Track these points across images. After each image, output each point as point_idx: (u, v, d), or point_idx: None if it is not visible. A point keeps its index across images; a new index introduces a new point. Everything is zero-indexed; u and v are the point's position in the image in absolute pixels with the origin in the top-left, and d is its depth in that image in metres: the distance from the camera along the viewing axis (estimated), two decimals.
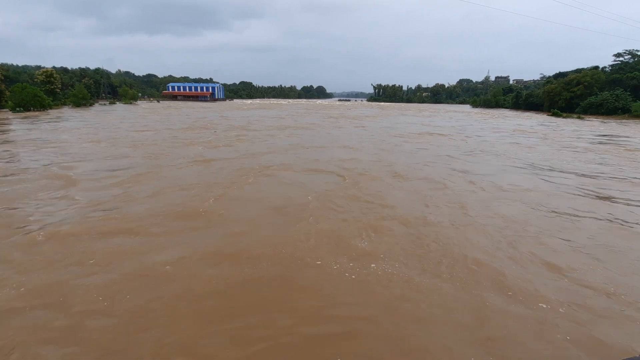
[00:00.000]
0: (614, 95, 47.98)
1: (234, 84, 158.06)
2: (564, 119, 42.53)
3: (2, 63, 61.67)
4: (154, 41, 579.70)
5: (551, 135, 23.86)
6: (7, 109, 37.11)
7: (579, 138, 22.31)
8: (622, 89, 48.77)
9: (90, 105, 54.44)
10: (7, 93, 38.80)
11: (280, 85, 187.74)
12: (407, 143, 18.66)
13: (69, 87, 61.02)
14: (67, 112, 39.55)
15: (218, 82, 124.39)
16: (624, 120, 40.35)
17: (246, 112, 43.73)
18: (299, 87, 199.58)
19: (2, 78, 39.93)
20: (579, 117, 44.91)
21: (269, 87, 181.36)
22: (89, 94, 57.62)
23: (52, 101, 43.64)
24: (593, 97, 50.69)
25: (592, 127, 31.39)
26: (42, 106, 38.80)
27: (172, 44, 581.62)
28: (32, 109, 37.50)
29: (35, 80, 50.57)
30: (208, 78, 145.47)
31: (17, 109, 36.39)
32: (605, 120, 40.22)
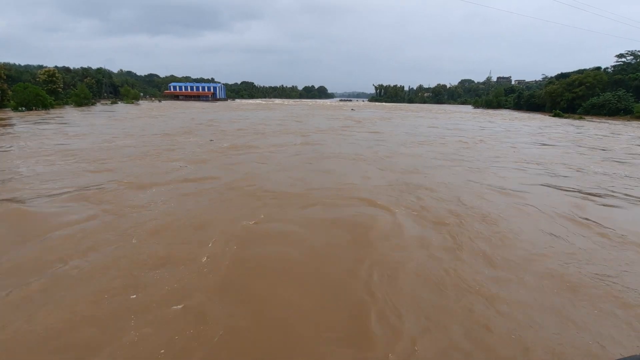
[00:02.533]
0: (616, 96, 47.80)
1: (236, 83, 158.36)
2: (584, 121, 42.05)
3: (4, 62, 61.96)
4: (155, 42, 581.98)
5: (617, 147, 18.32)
6: (9, 108, 37.31)
7: None
8: (624, 90, 48.58)
9: (92, 104, 54.59)
10: (10, 92, 38.98)
11: (282, 85, 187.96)
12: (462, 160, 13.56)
13: (71, 87, 61.26)
14: (59, 112, 39.64)
15: (219, 82, 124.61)
16: (628, 122, 40.12)
17: (247, 114, 43.59)
18: (300, 87, 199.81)
19: (5, 77, 40.08)
20: (580, 118, 44.76)
21: (271, 87, 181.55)
22: (91, 94, 57.83)
23: (54, 100, 43.81)
24: (595, 98, 50.53)
25: (621, 130, 28.96)
26: (44, 105, 38.94)
27: (174, 44, 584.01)
28: (34, 108, 37.66)
29: (38, 79, 50.73)
30: (209, 78, 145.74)
31: (20, 108, 36.59)
32: (611, 122, 40.03)
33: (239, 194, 8.23)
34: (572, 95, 54.38)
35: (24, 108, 36.81)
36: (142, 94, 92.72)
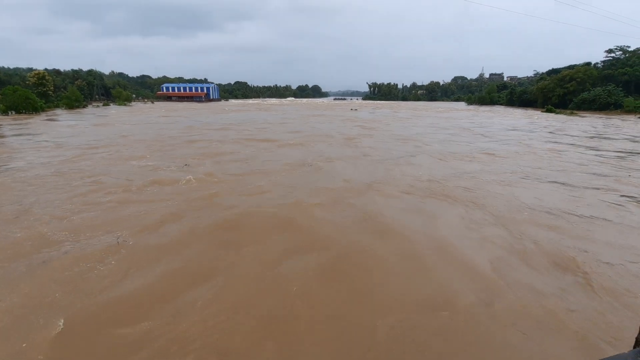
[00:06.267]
0: (606, 91, 48.48)
1: (229, 83, 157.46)
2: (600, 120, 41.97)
3: None
4: (147, 43, 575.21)
5: None
6: None
7: None
8: (614, 85, 49.30)
9: (84, 107, 53.92)
10: None
11: (276, 85, 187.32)
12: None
13: (62, 89, 60.38)
14: (33, 117, 39.10)
15: (213, 83, 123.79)
16: (622, 116, 40.56)
17: (240, 116, 42.94)
18: (294, 87, 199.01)
19: None
20: (572, 114, 45.31)
21: (264, 87, 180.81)
22: (82, 96, 57.07)
23: (44, 103, 43.15)
24: (586, 93, 51.20)
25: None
26: (34, 109, 38.32)
27: (166, 45, 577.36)
28: (23, 111, 37.08)
29: (27, 82, 49.93)
30: (203, 78, 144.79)
31: (9, 111, 36.00)
32: (609, 117, 40.52)
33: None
34: (563, 91, 55.04)
35: (13, 112, 36.23)
36: (134, 96, 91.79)
